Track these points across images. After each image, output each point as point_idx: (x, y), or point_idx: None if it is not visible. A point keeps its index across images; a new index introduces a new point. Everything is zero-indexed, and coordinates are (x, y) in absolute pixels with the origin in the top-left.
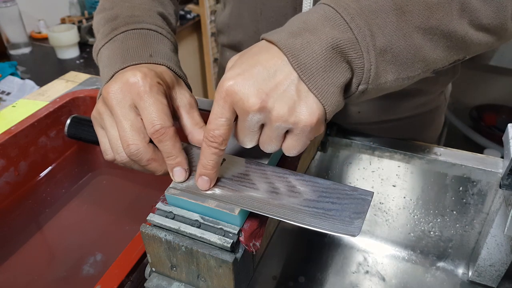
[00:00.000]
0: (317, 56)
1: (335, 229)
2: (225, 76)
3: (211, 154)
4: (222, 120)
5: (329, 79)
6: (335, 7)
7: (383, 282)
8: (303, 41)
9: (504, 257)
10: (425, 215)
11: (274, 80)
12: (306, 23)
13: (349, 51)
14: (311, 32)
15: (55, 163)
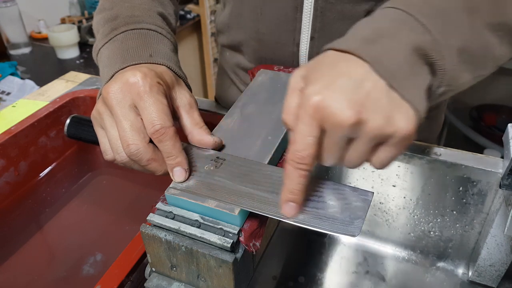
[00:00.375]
0: (401, 61)
1: (335, 229)
2: (308, 92)
3: (299, 177)
4: (310, 139)
5: (416, 84)
6: (407, 10)
7: (383, 282)
8: (382, 47)
9: (504, 257)
10: (425, 215)
11: (363, 90)
12: (380, 29)
13: (431, 53)
14: (389, 37)
15: (55, 163)
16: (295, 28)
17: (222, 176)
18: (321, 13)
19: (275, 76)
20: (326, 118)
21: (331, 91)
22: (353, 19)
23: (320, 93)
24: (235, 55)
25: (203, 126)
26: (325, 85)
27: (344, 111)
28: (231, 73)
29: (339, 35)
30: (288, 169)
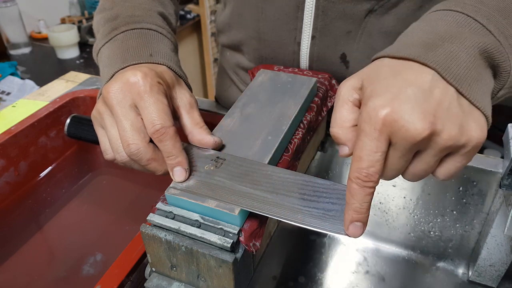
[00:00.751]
0: (467, 66)
1: (335, 230)
2: (374, 105)
3: (365, 195)
4: (378, 155)
5: (483, 88)
6: (465, 11)
7: (383, 282)
8: (445, 51)
9: (504, 257)
10: (425, 215)
11: (434, 99)
12: (438, 33)
13: (496, 55)
14: (450, 41)
15: (55, 163)
16: (296, 27)
17: (222, 176)
18: (322, 12)
19: (275, 76)
20: (397, 132)
21: (401, 103)
22: (354, 18)
23: (389, 105)
24: (235, 54)
25: (203, 126)
26: (392, 96)
27: (417, 123)
28: (231, 73)
29: (340, 34)
30: (354, 188)
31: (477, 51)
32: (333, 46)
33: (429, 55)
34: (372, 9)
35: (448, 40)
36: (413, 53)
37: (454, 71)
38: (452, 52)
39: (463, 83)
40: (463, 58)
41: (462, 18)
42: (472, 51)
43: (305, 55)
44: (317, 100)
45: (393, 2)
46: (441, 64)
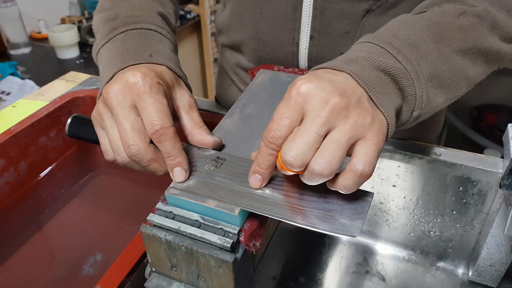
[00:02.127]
0: (375, 79)
1: (335, 230)
2: (296, 81)
3: (268, 155)
4: (287, 121)
5: (389, 101)
6: (378, 43)
7: (383, 282)
8: (358, 66)
9: (504, 257)
10: (425, 215)
11: (347, 86)
12: (356, 56)
13: (400, 80)
14: (363, 59)
15: (55, 163)
16: (295, 28)
17: (222, 176)
18: (320, 12)
19: (275, 76)
20: (310, 99)
21: (317, 79)
22: (352, 18)
23: (307, 80)
24: (235, 55)
25: (203, 126)
26: (311, 77)
27: (329, 94)
28: (231, 73)
29: (338, 34)
30: (261, 145)
31: (383, 72)
32: (332, 46)
33: (344, 66)
34: (370, 9)
35: (361, 59)
36: (329, 65)
37: (365, 79)
38: (363, 67)
39: (372, 90)
40: (372, 74)
41: (376, 48)
42: (379, 71)
43: (303, 55)
44: None
45: (391, 2)
46: (354, 72)
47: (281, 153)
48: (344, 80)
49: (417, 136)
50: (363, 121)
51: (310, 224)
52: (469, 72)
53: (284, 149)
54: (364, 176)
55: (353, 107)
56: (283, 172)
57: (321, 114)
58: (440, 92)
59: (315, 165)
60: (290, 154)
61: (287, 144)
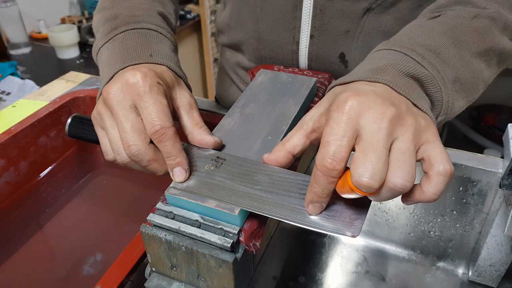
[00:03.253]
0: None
1: (335, 230)
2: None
3: (328, 183)
4: (345, 140)
5: (426, 104)
6: (401, 50)
7: (383, 282)
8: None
9: (504, 257)
10: (425, 215)
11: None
12: (380, 64)
13: (428, 86)
14: (392, 67)
15: (55, 163)
16: (295, 27)
17: (222, 176)
18: (320, 11)
19: (275, 76)
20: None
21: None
22: (352, 17)
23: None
24: (235, 54)
25: (203, 126)
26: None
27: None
28: (231, 72)
29: (339, 33)
30: (317, 175)
31: (412, 79)
32: (332, 45)
33: (377, 76)
34: (370, 8)
35: (390, 67)
36: (361, 76)
37: (401, 87)
38: (394, 75)
39: (411, 96)
40: (404, 81)
41: (400, 56)
42: (409, 77)
43: (304, 54)
44: (317, 100)
45: (391, 1)
46: (389, 81)
47: (353, 177)
48: (385, 90)
49: None
50: (419, 126)
51: (310, 224)
52: (485, 73)
53: (357, 172)
54: (451, 175)
55: (405, 114)
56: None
57: (382, 127)
58: (462, 96)
59: (397, 180)
60: (366, 175)
61: (358, 166)
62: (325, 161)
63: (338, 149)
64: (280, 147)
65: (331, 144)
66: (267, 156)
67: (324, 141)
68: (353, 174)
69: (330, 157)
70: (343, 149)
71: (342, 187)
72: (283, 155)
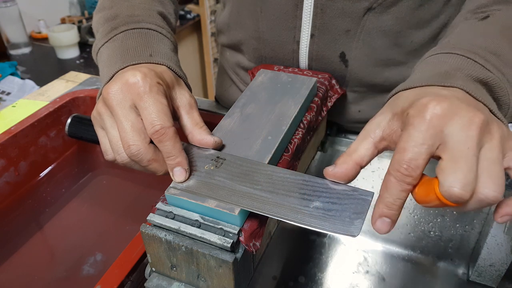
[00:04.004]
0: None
1: (335, 229)
2: (423, 101)
3: (401, 191)
4: (424, 147)
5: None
6: (464, 54)
7: (383, 282)
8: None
9: (504, 257)
10: (425, 215)
11: (475, 104)
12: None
13: (496, 90)
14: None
15: (55, 163)
16: (295, 26)
17: (222, 176)
18: (321, 10)
19: (275, 76)
20: (450, 121)
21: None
22: (353, 16)
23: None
24: (235, 54)
25: (203, 126)
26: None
27: (469, 112)
28: (231, 72)
29: (339, 32)
30: (390, 181)
31: (480, 83)
32: (332, 44)
33: (449, 81)
34: (371, 7)
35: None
36: (431, 81)
37: (477, 92)
38: (464, 80)
39: (487, 102)
40: (474, 86)
41: (463, 59)
42: (477, 82)
43: (304, 54)
44: (317, 100)
45: (391, 0)
46: (466, 87)
47: (443, 187)
48: (464, 95)
49: None
50: (504, 133)
51: (310, 224)
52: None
53: (448, 182)
54: None
55: (491, 121)
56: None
57: (471, 134)
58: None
59: (488, 191)
60: (457, 186)
61: (448, 176)
62: (400, 167)
63: (415, 156)
64: (346, 158)
65: (408, 150)
66: (333, 170)
67: (400, 147)
68: (443, 183)
69: (406, 163)
70: (420, 157)
71: (426, 196)
72: (351, 167)
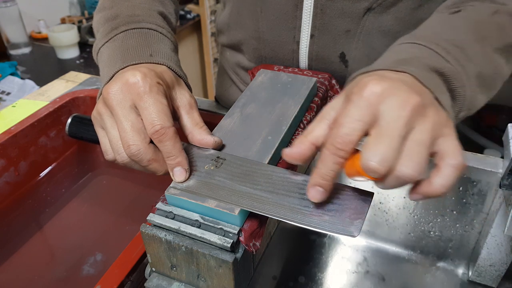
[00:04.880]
0: (433, 79)
1: (335, 230)
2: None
3: (333, 164)
4: (360, 124)
5: (448, 101)
6: (425, 44)
7: (383, 282)
8: (413, 67)
9: (504, 257)
10: (425, 215)
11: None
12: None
13: (452, 81)
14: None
15: (55, 163)
16: (295, 26)
17: (222, 176)
18: (321, 10)
19: (275, 76)
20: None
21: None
22: (353, 16)
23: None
24: (235, 54)
25: (203, 126)
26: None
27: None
28: (231, 72)
29: (339, 32)
30: (324, 154)
31: (436, 73)
32: (332, 45)
33: (403, 67)
34: (371, 8)
35: (414, 60)
36: (387, 66)
37: (426, 79)
38: (418, 68)
39: (435, 90)
40: (428, 75)
41: (425, 49)
42: (433, 72)
43: (304, 54)
44: (317, 100)
45: (391, 1)
46: (415, 72)
47: (362, 159)
48: (411, 80)
49: None
50: (440, 119)
51: (310, 224)
52: (504, 69)
53: (367, 155)
54: (462, 169)
55: (429, 105)
56: (355, 179)
57: (403, 114)
58: (483, 91)
59: (405, 169)
60: (375, 160)
61: (369, 150)
62: (335, 141)
63: (350, 132)
64: (302, 139)
65: (344, 126)
66: (290, 150)
67: (338, 122)
68: (363, 157)
69: (340, 137)
70: (354, 132)
71: (350, 169)
72: (306, 147)
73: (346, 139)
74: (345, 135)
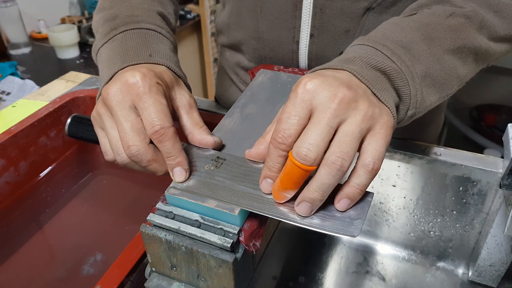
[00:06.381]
0: (375, 77)
1: (335, 230)
2: (301, 80)
3: (278, 156)
4: (296, 119)
5: (390, 97)
6: (372, 45)
7: (383, 282)
8: (356, 65)
9: (504, 257)
10: (425, 215)
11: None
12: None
13: (395, 79)
14: (360, 59)
15: (55, 163)
16: (295, 26)
17: (222, 176)
18: (320, 10)
19: (275, 76)
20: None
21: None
22: (352, 16)
23: (313, 78)
24: (235, 54)
25: (203, 126)
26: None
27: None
28: (231, 72)
29: (339, 32)
30: (270, 148)
31: (379, 72)
32: (332, 44)
33: (343, 65)
34: (370, 7)
35: (358, 59)
36: (329, 65)
37: (365, 76)
38: (361, 66)
39: (373, 86)
40: (370, 72)
41: (371, 50)
42: (376, 70)
43: (304, 54)
44: None
45: (391, 0)
46: (354, 70)
47: (293, 149)
48: (347, 76)
49: (417, 135)
50: (373, 112)
51: (310, 224)
52: (459, 70)
53: (297, 144)
54: (375, 171)
55: (361, 99)
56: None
57: (331, 107)
58: (433, 91)
59: (333, 156)
60: (304, 145)
61: (299, 140)
62: (276, 136)
63: (288, 126)
64: (261, 140)
65: (283, 121)
66: (249, 151)
67: (279, 118)
68: (295, 145)
69: (280, 132)
70: (292, 127)
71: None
72: (264, 147)
73: (286, 133)
74: (284, 130)
